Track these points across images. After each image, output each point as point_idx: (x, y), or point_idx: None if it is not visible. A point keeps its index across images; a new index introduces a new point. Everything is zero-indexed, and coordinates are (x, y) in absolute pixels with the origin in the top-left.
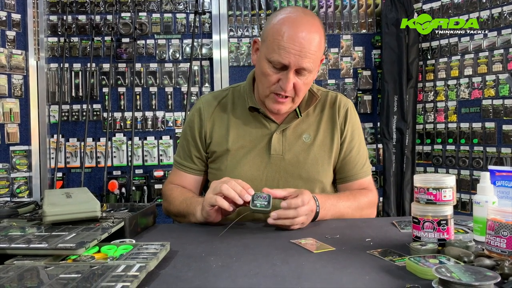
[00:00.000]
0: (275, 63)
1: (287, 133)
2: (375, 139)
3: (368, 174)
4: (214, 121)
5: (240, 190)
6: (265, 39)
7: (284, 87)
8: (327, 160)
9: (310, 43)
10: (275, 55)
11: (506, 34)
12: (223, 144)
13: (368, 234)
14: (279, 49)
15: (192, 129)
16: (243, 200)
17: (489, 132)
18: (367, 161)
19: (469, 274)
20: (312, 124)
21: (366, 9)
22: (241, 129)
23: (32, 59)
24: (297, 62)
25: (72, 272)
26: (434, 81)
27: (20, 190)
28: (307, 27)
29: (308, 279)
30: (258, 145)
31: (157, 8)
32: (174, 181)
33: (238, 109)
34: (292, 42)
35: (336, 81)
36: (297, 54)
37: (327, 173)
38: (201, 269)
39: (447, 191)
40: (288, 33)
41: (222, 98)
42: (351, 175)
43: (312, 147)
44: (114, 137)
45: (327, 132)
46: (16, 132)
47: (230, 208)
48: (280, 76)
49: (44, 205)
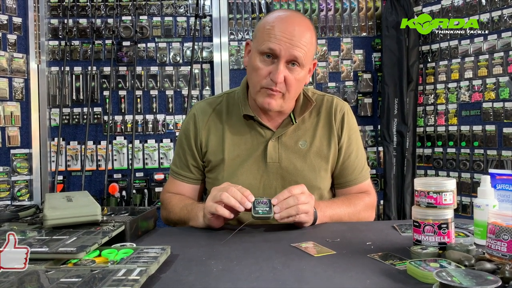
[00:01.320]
0: (265, 50)
1: (283, 140)
2: (375, 142)
3: (367, 177)
4: (210, 129)
5: (240, 197)
6: (256, 35)
7: (275, 79)
8: (324, 166)
9: (301, 34)
10: (266, 43)
11: (506, 37)
12: (218, 153)
13: (369, 237)
14: (269, 37)
15: (188, 138)
16: (244, 208)
17: (490, 135)
18: (365, 164)
19: (470, 278)
20: (308, 130)
21: (366, 12)
22: (236, 137)
23: (33, 62)
24: (288, 51)
25: (72, 276)
26: (435, 84)
27: (20, 194)
28: (298, 21)
29: (309, 283)
30: (254, 154)
31: (158, 12)
32: (171, 190)
33: (233, 116)
34: (283, 31)
35: (336, 84)
36: (288, 42)
37: (325, 179)
38: (202, 272)
39: (447, 194)
40: (279, 23)
41: (217, 105)
42: (350, 180)
43: (308, 153)
44: (115, 140)
45: (324, 137)
46: (17, 135)
47: (231, 216)
48: (270, 69)
49: (45, 209)
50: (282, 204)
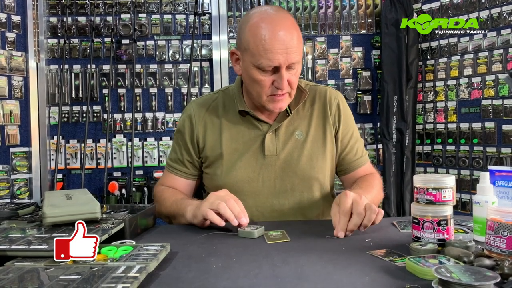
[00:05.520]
0: (265, 67)
1: (280, 133)
2: (375, 139)
3: (367, 159)
4: (206, 125)
5: (237, 212)
6: (247, 48)
7: (281, 86)
8: (322, 154)
9: (291, 38)
10: (263, 60)
11: (506, 34)
12: (216, 148)
13: (368, 234)
14: (265, 53)
15: (183, 134)
16: (239, 223)
17: (489, 132)
18: (363, 147)
19: (469, 274)
20: (303, 120)
21: (366, 9)
22: (233, 132)
23: (32, 60)
24: (286, 60)
25: (72, 274)
26: (434, 81)
27: (20, 192)
28: (283, 22)
29: (308, 279)
30: (252, 147)
31: (157, 9)
32: (165, 183)
33: (229, 112)
34: (276, 42)
35: (335, 81)
36: (283, 52)
37: (323, 169)
38: (201, 270)
39: (446, 191)
40: (269, 35)
41: (213, 101)
42: (353, 164)
43: (305, 143)
44: (114, 138)
45: (319, 126)
46: (16, 133)
47: (222, 224)
48: (273, 78)
49: (44, 207)
50: (353, 226)
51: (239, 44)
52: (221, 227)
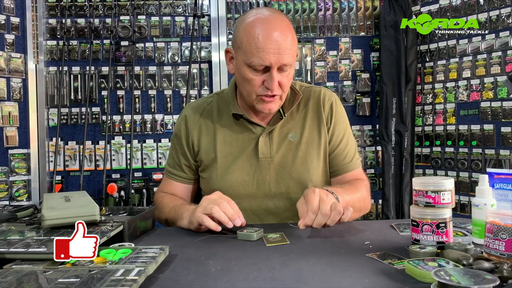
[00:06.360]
0: (256, 66)
1: (274, 135)
2: (374, 141)
3: (359, 165)
4: (201, 129)
5: (231, 214)
6: (240, 46)
7: (271, 87)
8: (316, 156)
9: (285, 39)
10: (255, 59)
11: (504, 37)
12: (211, 152)
13: (367, 237)
14: (257, 51)
15: (180, 138)
16: (234, 224)
17: (488, 134)
18: (356, 152)
19: (468, 277)
20: (297, 122)
21: (365, 11)
22: (227, 136)
23: (31, 62)
24: (278, 60)
25: (71, 276)
26: (433, 84)
27: (19, 194)
28: (278, 24)
29: (307, 282)
30: (246, 150)
31: (156, 11)
32: (165, 189)
33: (224, 116)
34: (268, 42)
35: (334, 83)
36: (276, 52)
37: (318, 171)
38: (200, 272)
39: (445, 194)
40: (262, 34)
41: (207, 105)
42: (343, 167)
43: (299, 145)
44: (113, 140)
45: (313, 128)
46: (15, 135)
47: (218, 228)
48: (263, 77)
49: (43, 209)
50: (317, 225)
51: (233, 42)
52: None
